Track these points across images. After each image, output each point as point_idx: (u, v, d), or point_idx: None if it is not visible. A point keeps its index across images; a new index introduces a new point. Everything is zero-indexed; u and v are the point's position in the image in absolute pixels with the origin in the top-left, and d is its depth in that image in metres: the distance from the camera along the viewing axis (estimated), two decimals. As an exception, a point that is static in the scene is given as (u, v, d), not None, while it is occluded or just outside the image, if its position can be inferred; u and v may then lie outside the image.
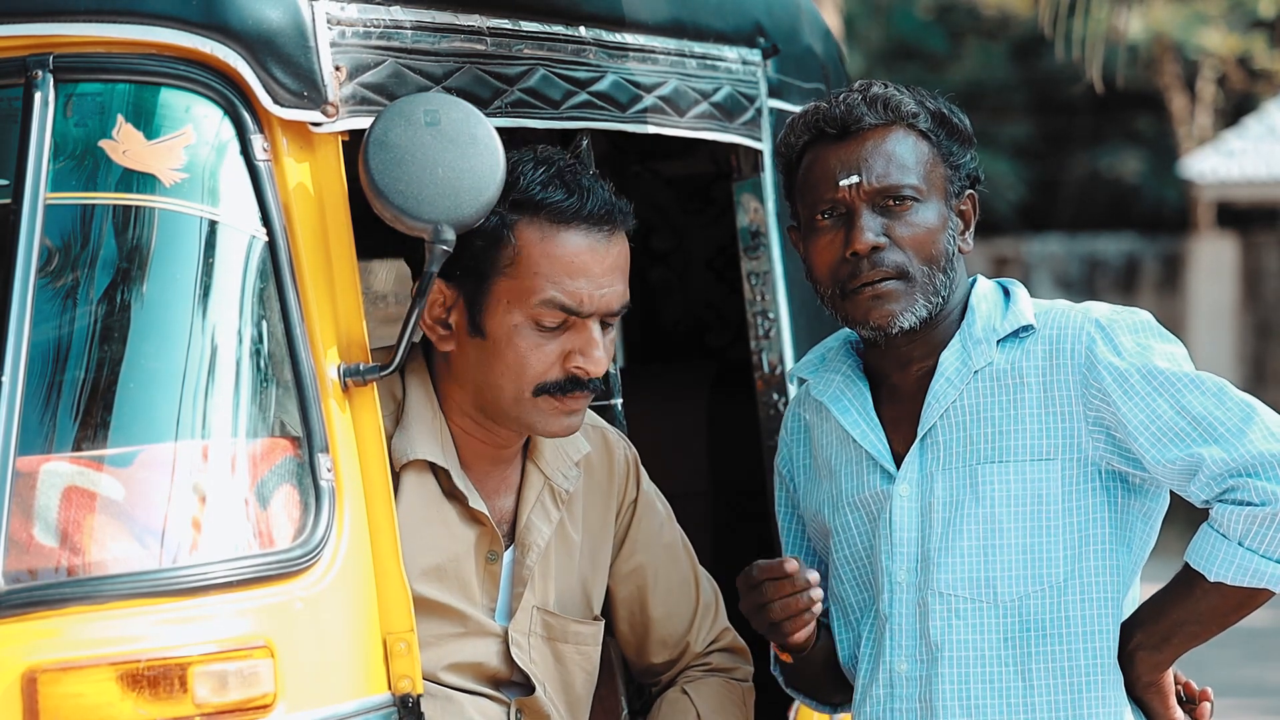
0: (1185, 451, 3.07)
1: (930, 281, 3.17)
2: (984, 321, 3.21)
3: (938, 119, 3.23)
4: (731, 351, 4.87)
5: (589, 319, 3.17)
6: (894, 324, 3.16)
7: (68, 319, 2.84)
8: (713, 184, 4.76)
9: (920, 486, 3.19)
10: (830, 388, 3.31)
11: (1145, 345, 3.13)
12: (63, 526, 2.75)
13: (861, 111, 3.19)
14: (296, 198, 2.95)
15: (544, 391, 3.16)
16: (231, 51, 2.92)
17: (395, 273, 5.11)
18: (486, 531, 3.24)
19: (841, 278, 3.18)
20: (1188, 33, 22.58)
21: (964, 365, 3.19)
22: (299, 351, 2.91)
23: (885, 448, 3.24)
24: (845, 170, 3.18)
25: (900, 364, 3.25)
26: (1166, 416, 3.08)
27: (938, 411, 3.19)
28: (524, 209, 3.15)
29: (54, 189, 2.86)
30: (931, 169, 3.20)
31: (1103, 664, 3.13)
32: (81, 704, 2.68)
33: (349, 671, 2.87)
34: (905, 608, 3.19)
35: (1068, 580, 3.13)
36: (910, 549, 3.19)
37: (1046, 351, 3.16)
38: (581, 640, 3.36)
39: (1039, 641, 3.13)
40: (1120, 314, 3.17)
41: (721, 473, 4.62)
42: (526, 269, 3.14)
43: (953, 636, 3.15)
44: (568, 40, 3.38)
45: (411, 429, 3.19)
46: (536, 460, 3.32)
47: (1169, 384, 3.09)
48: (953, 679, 3.14)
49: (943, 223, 3.19)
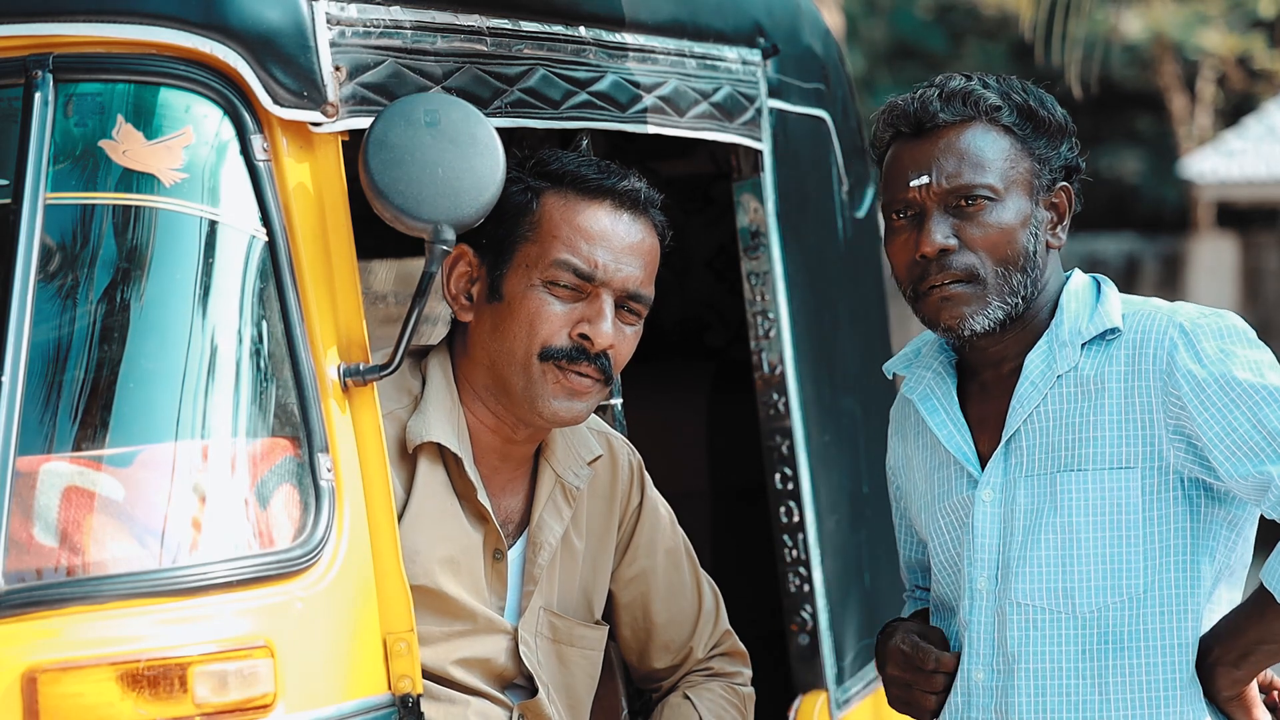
0: (1258, 468, 2.98)
1: (1006, 282, 3.09)
2: (1071, 323, 3.13)
3: (1024, 112, 3.13)
4: (731, 351, 4.87)
5: (601, 289, 3.19)
6: (964, 326, 3.09)
7: (68, 319, 2.84)
8: (713, 184, 4.76)
9: (1003, 493, 3.13)
10: (920, 385, 3.25)
11: (1228, 352, 3.03)
12: (63, 526, 2.75)
13: (936, 108, 3.12)
14: (296, 198, 2.95)
15: (549, 358, 3.18)
16: (231, 51, 2.92)
17: (395, 273, 5.11)
18: (491, 530, 3.25)
19: (914, 279, 3.12)
20: (1187, 33, 22.58)
21: (1048, 369, 3.12)
22: (299, 351, 2.91)
23: (971, 450, 3.18)
24: (916, 170, 3.11)
25: (992, 362, 3.18)
26: (1242, 430, 2.99)
27: (1021, 416, 3.12)
28: (551, 178, 3.22)
29: (54, 189, 2.86)
30: (1013, 165, 3.11)
31: (1181, 678, 3.05)
32: (81, 704, 2.68)
33: (349, 671, 2.87)
34: (984, 616, 3.13)
35: (1147, 591, 3.05)
36: (991, 556, 3.13)
37: (1130, 356, 3.08)
38: (586, 644, 3.37)
39: (1117, 655, 3.06)
40: (1207, 318, 3.07)
41: (721, 473, 4.63)
42: (546, 233, 3.19)
43: (1029, 648, 3.09)
44: (568, 40, 3.38)
45: (429, 413, 3.21)
46: (549, 458, 3.33)
47: (1247, 396, 2.99)
48: (1028, 690, 3.08)
49: (1022, 221, 3.10)
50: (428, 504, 3.18)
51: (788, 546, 3.92)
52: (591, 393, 3.22)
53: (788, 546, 3.92)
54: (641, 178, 3.28)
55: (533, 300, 3.19)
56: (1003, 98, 3.13)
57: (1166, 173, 23.45)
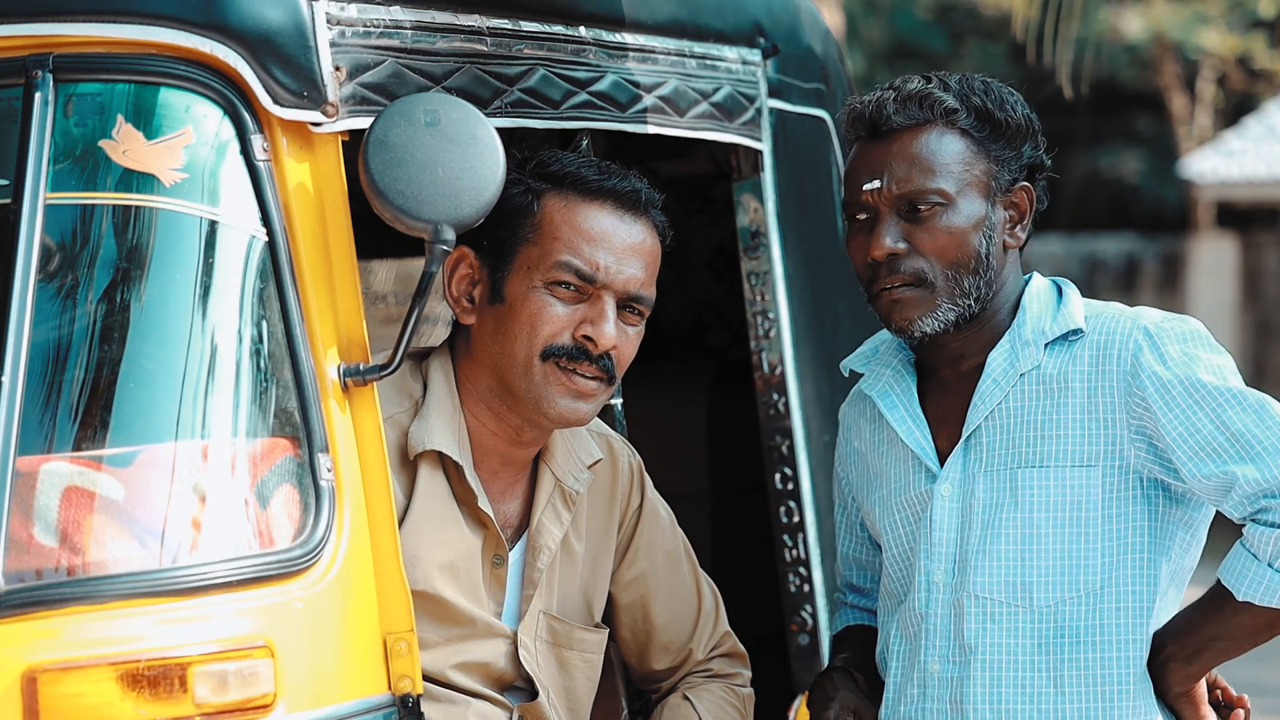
0: (1221, 468, 3.02)
1: (957, 285, 3.12)
2: (1034, 323, 3.16)
3: (981, 114, 3.15)
4: (731, 351, 4.87)
5: (603, 291, 3.19)
6: (914, 328, 3.13)
7: (68, 319, 2.84)
8: (713, 184, 4.76)
9: (962, 488, 3.16)
10: (879, 382, 3.28)
11: (1192, 356, 3.07)
12: (63, 526, 2.75)
13: (890, 111, 3.14)
14: (296, 198, 2.95)
15: (551, 356, 3.17)
16: (231, 51, 2.92)
17: (395, 273, 5.11)
18: (491, 535, 3.25)
19: (868, 279, 3.16)
20: (1187, 33, 22.57)
21: (1011, 367, 3.15)
22: (299, 351, 2.91)
23: (930, 445, 3.21)
24: (870, 174, 3.15)
25: (950, 360, 3.22)
26: (1206, 431, 3.03)
27: (983, 413, 3.16)
28: (552, 180, 3.22)
29: (54, 189, 2.86)
30: (968, 168, 3.14)
31: (1134, 672, 3.10)
32: (81, 704, 2.68)
33: (349, 671, 2.87)
34: (941, 608, 3.16)
35: (1104, 587, 3.10)
36: (949, 549, 3.17)
37: (1093, 357, 3.11)
38: (586, 647, 3.36)
39: (1072, 648, 3.10)
40: (1170, 322, 3.11)
41: (721, 473, 4.63)
42: (548, 234, 3.19)
43: (986, 640, 3.12)
44: (568, 40, 3.38)
45: (431, 419, 3.21)
46: (548, 462, 3.33)
47: (1210, 398, 3.04)
48: (984, 682, 3.12)
49: (975, 224, 3.13)
50: (428, 510, 3.18)
51: (788, 546, 3.93)
52: (597, 394, 3.22)
53: (788, 546, 3.93)
54: (642, 178, 3.28)
55: (534, 302, 3.18)
56: (960, 100, 3.15)
57: (1166, 173, 23.45)
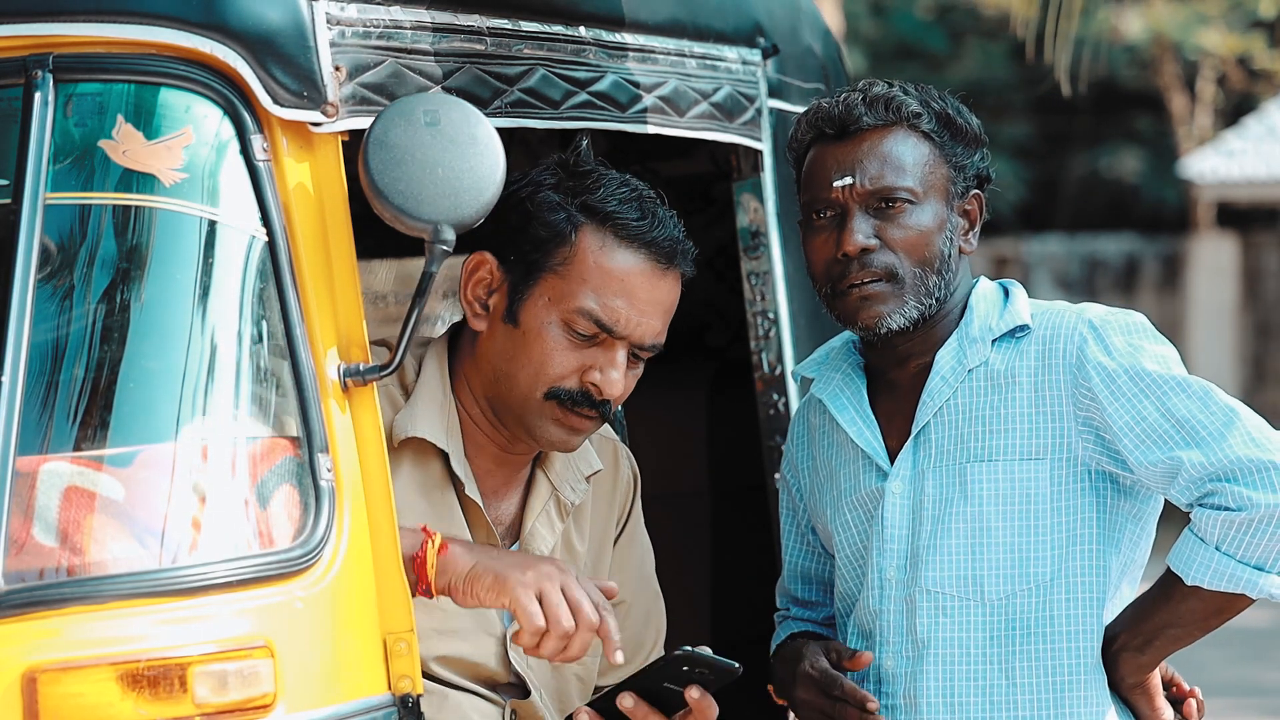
0: (1167, 454, 3.07)
1: (922, 283, 3.19)
2: (981, 321, 3.23)
3: (942, 120, 3.24)
4: (731, 351, 4.86)
5: (619, 342, 3.18)
6: (882, 325, 3.18)
7: (67, 319, 2.84)
8: (713, 184, 4.76)
9: (912, 484, 3.21)
10: (830, 386, 3.33)
11: (1136, 346, 3.14)
12: (63, 526, 2.75)
13: (860, 112, 3.22)
14: (296, 198, 2.95)
15: (554, 397, 3.17)
16: (231, 51, 2.91)
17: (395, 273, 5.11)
18: (480, 523, 3.23)
19: (833, 277, 3.21)
20: (1187, 33, 22.57)
21: (959, 364, 3.21)
22: (299, 351, 2.91)
23: (880, 444, 3.26)
24: (840, 171, 3.21)
25: (898, 361, 3.27)
26: (1151, 418, 3.09)
27: (931, 410, 3.21)
28: (594, 214, 3.20)
29: (54, 189, 2.86)
30: (931, 170, 3.22)
31: (1086, 664, 3.15)
32: (81, 704, 2.68)
33: (349, 671, 2.87)
34: (894, 605, 3.21)
35: (1054, 580, 3.15)
36: (900, 546, 3.21)
37: (1039, 351, 3.18)
38: (581, 651, 3.35)
39: (1024, 640, 3.15)
40: (1114, 315, 3.18)
41: (721, 473, 4.62)
42: (576, 272, 3.18)
43: (939, 634, 3.17)
44: (567, 40, 3.38)
45: (416, 407, 3.20)
46: (546, 469, 3.32)
47: (1155, 386, 3.10)
48: (937, 676, 3.17)
49: (939, 224, 3.21)
50: (410, 498, 3.17)
51: (787, 546, 3.92)
52: (588, 429, 3.24)
53: (787, 546, 3.92)
54: (679, 225, 3.26)
55: (548, 338, 3.17)
56: (923, 105, 3.24)
57: (1166, 173, 23.45)
